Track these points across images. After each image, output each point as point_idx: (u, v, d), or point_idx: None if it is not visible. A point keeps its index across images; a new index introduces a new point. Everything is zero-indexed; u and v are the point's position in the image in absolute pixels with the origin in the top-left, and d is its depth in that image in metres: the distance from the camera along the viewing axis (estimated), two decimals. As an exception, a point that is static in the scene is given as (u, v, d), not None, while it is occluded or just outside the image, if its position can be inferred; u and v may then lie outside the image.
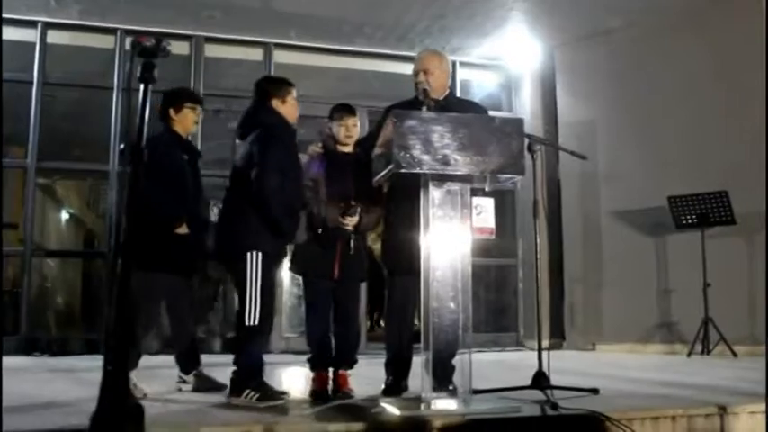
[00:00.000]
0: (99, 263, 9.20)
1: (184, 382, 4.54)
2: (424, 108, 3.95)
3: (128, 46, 8.33)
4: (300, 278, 4.48)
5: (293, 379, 5.49)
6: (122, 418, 2.14)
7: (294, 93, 4.26)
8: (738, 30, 7.82)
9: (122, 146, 2.31)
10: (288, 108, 4.20)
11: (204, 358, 4.70)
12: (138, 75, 2.50)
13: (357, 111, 4.54)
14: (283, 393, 3.94)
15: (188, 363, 4.60)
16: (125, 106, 7.95)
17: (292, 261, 4.43)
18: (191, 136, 5.06)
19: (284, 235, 4.03)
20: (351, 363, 4.38)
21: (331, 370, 4.30)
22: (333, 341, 4.37)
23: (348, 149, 4.42)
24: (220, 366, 4.45)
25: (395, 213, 4.25)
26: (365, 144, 4.37)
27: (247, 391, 3.80)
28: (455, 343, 3.52)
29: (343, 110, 4.44)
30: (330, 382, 4.26)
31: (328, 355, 4.31)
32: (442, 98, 4.26)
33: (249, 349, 3.95)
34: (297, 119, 4.31)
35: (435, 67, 4.35)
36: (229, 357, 4.00)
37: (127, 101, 2.54)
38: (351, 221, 4.21)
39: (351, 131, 4.38)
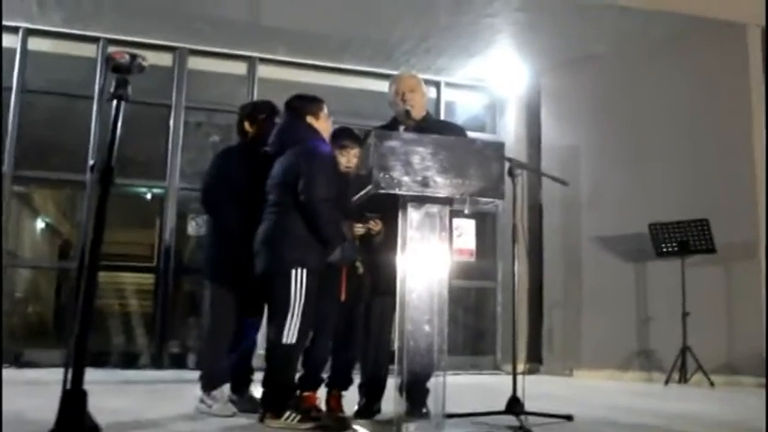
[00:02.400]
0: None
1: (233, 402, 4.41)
2: (402, 128, 3.97)
3: (110, 55, 8.42)
4: None
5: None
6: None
7: (326, 108, 4.27)
8: (722, 55, 7.98)
9: (92, 162, 2.22)
10: (322, 123, 4.23)
11: (179, 374, 4.67)
12: (112, 91, 2.48)
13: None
14: (320, 414, 3.91)
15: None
16: (100, 119, 8.01)
17: None
18: None
19: (332, 246, 4.00)
20: (346, 385, 4.37)
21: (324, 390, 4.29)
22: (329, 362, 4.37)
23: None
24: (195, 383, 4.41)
25: (380, 239, 4.25)
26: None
27: (288, 413, 3.76)
28: (430, 366, 3.51)
29: (348, 138, 4.43)
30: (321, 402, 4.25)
31: (322, 377, 4.31)
32: (420, 119, 4.29)
33: (285, 368, 3.90)
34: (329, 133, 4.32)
35: (418, 87, 4.39)
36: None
37: (104, 115, 2.53)
38: (375, 226, 4.18)
39: (351, 162, 4.38)
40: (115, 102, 2.49)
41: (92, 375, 2.32)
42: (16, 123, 8.02)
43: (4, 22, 7.99)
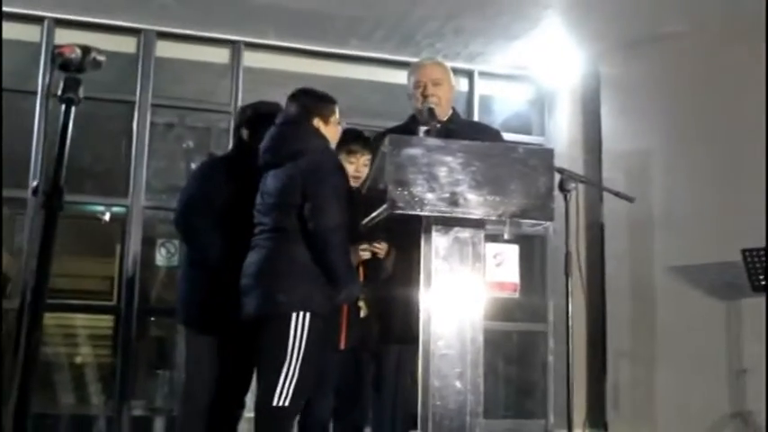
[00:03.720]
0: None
1: None
2: (421, 131, 4.00)
3: (57, 40, 8.46)
4: None
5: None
6: None
7: (337, 112, 4.30)
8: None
9: (35, 183, 2.22)
10: (330, 130, 4.25)
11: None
12: (59, 93, 2.50)
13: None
14: None
15: None
16: (45, 123, 8.08)
17: None
18: None
19: (343, 285, 4.02)
20: None
21: None
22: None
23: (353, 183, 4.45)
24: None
25: (386, 273, 4.27)
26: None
27: None
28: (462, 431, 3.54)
29: (357, 142, 4.48)
30: None
31: None
32: (446, 119, 4.29)
33: None
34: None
35: (444, 78, 4.41)
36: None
37: (50, 117, 2.54)
38: (381, 248, 4.20)
39: (360, 171, 4.42)
40: (64, 106, 2.50)
41: (34, 446, 2.34)
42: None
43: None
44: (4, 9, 8.27)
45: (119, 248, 8.74)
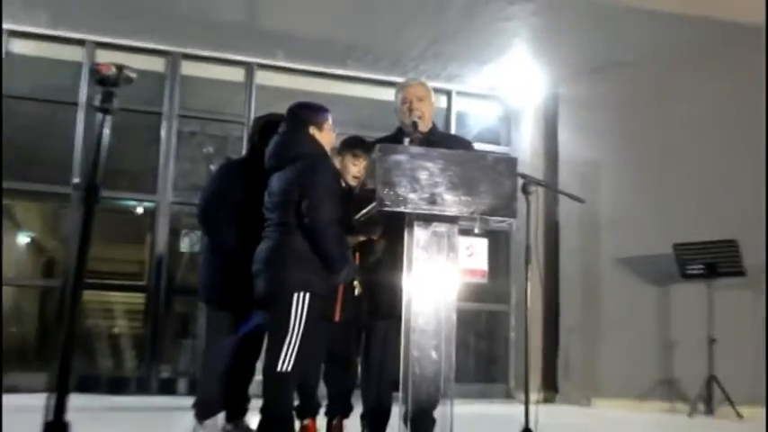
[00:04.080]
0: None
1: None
2: (406, 141, 4.00)
3: (97, 59, 8.41)
4: None
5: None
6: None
7: (330, 120, 4.28)
8: (755, 67, 7.87)
9: (77, 180, 2.20)
10: (325, 136, 4.22)
11: (169, 400, 4.67)
12: (97, 104, 2.46)
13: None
14: None
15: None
16: (85, 130, 8.06)
17: None
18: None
19: (337, 271, 4.01)
20: (345, 412, 4.38)
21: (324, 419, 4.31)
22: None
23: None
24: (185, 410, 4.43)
25: (377, 256, 4.26)
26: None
27: None
28: (436, 395, 3.52)
29: (361, 148, 4.45)
30: None
31: (318, 404, 4.32)
32: (427, 131, 4.29)
33: (280, 397, 3.91)
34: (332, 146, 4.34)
35: (427, 96, 4.41)
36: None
37: (89, 125, 2.53)
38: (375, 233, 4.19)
39: (362, 173, 4.40)
40: (100, 115, 2.46)
41: (76, 402, 2.34)
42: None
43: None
44: (51, 32, 8.27)
45: (149, 237, 8.72)
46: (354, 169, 4.38)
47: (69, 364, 2.28)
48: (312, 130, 4.18)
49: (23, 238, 14.20)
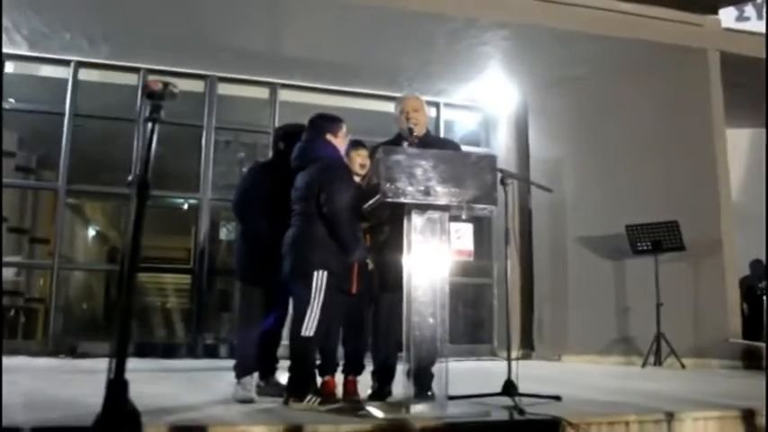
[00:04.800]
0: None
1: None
2: (405, 144, 3.97)
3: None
4: None
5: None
6: (121, 423, 2.13)
7: (344, 128, 4.25)
8: (685, 79, 7.97)
9: (130, 178, 2.17)
10: (340, 141, 4.20)
11: (212, 363, 4.63)
12: (147, 115, 2.46)
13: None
14: (337, 397, 3.94)
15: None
16: (141, 139, 8.05)
17: None
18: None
19: (351, 251, 3.97)
20: (359, 370, 4.35)
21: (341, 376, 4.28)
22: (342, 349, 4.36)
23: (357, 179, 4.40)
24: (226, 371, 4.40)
25: (384, 237, 4.23)
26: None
27: (309, 396, 3.76)
28: (434, 353, 3.50)
29: (360, 143, 4.45)
30: (339, 387, 4.24)
31: (336, 363, 4.30)
32: (422, 135, 4.27)
33: (304, 358, 3.87)
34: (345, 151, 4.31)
35: (421, 107, 4.39)
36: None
37: (144, 136, 2.49)
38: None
39: (365, 161, 4.37)
40: (150, 124, 2.45)
41: (135, 364, 2.32)
42: (69, 144, 8.06)
43: (58, 56, 8.07)
44: (111, 62, 8.23)
45: (193, 229, 8.68)
46: (359, 159, 4.35)
47: (128, 334, 2.26)
48: (329, 137, 4.16)
49: (91, 231, 14.21)
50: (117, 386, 2.16)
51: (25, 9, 7.13)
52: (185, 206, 10.08)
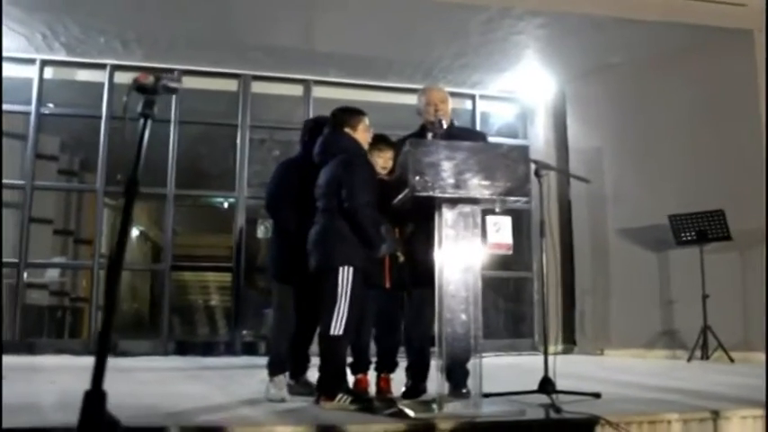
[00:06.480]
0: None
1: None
2: (429, 135, 3.91)
3: (186, 85, 8.46)
4: None
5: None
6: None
7: (366, 121, 4.17)
8: (729, 62, 7.68)
9: (119, 177, 2.06)
10: (360, 134, 4.12)
11: (251, 360, 4.59)
12: (139, 111, 2.29)
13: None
14: (370, 398, 3.88)
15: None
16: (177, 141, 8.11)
17: None
18: None
19: (375, 247, 3.90)
20: (392, 367, 4.29)
21: (374, 374, 4.22)
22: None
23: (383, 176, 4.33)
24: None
25: (415, 232, 4.16)
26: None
27: (340, 395, 3.70)
28: (467, 350, 3.42)
29: (383, 142, 4.34)
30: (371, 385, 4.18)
31: (369, 361, 4.24)
32: (448, 126, 4.17)
33: (334, 357, 3.80)
34: (368, 143, 4.23)
35: (447, 98, 4.32)
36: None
37: (180, 137, 2.41)
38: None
39: (387, 164, 4.29)
40: (141, 120, 2.28)
41: (175, 363, 2.27)
42: (106, 147, 8.12)
43: (94, 60, 8.15)
44: (146, 65, 8.25)
45: (233, 227, 8.70)
46: (380, 161, 4.27)
47: (108, 341, 2.11)
48: (348, 130, 4.09)
49: (135, 231, 14.39)
50: (94, 397, 2.02)
51: (63, 16, 7.24)
52: (225, 205, 10.13)
